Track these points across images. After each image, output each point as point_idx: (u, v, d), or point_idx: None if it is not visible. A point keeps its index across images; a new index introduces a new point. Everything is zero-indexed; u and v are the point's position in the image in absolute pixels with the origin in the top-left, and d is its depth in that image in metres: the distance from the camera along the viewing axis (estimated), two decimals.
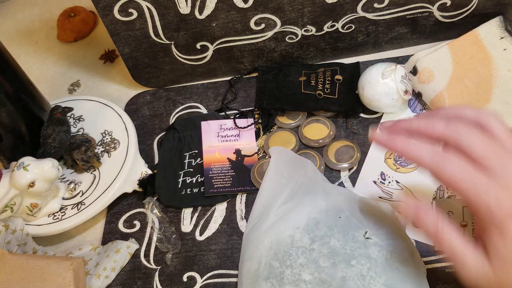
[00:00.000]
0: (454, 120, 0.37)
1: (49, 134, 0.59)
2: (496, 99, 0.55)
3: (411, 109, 0.61)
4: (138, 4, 0.61)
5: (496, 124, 0.37)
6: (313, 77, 0.64)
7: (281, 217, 0.48)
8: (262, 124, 0.64)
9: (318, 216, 0.45)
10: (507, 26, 0.59)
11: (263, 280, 0.44)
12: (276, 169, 0.54)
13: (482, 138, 0.36)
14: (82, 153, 0.60)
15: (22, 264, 0.47)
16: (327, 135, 0.60)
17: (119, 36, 0.65)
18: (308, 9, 0.61)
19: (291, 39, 0.65)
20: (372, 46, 0.68)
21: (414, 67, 0.60)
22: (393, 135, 0.38)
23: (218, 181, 0.59)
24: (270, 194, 0.52)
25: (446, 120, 0.37)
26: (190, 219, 0.59)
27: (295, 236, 0.44)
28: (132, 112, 0.70)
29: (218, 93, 0.70)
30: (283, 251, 0.44)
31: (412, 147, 0.37)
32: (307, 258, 0.43)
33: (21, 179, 0.53)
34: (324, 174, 0.58)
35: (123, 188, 0.59)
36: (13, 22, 0.91)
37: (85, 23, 0.84)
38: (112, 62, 0.79)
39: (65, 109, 0.61)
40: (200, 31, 0.64)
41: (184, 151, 0.63)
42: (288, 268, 0.43)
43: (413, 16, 0.63)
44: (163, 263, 0.56)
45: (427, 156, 0.36)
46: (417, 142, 0.37)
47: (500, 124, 0.37)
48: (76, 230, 0.61)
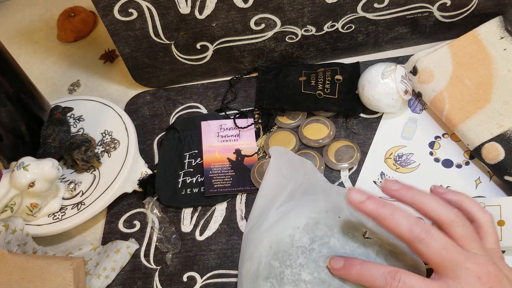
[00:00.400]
0: (446, 203, 0.39)
1: (49, 134, 0.59)
2: (496, 99, 0.55)
3: (411, 109, 0.61)
4: (138, 4, 0.61)
5: (491, 231, 0.40)
6: (313, 77, 0.64)
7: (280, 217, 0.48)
8: (262, 124, 0.64)
9: (318, 216, 0.45)
10: (507, 26, 0.59)
11: (263, 280, 0.44)
12: (276, 169, 0.54)
13: (468, 226, 0.38)
14: (82, 153, 0.60)
15: (22, 264, 0.47)
16: (327, 135, 0.60)
17: (119, 36, 0.65)
18: (308, 9, 0.61)
19: (291, 39, 0.65)
20: (372, 46, 0.68)
21: (414, 67, 0.60)
22: (371, 198, 0.39)
23: (218, 181, 0.59)
24: (269, 194, 0.52)
25: (439, 200, 0.39)
26: (190, 219, 0.59)
27: (295, 236, 0.44)
28: (132, 112, 0.70)
29: (218, 93, 0.70)
30: (283, 251, 0.44)
31: (396, 215, 0.38)
32: (307, 258, 0.43)
33: (21, 179, 0.53)
34: (324, 174, 0.58)
35: (123, 188, 0.59)
36: (13, 22, 0.91)
37: (85, 23, 0.84)
38: (112, 62, 0.79)
39: (65, 109, 0.61)
40: (200, 31, 0.64)
41: (184, 151, 0.63)
42: (288, 268, 0.43)
43: (413, 16, 0.63)
44: (163, 263, 0.56)
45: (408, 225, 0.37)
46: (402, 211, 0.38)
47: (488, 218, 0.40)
48: (76, 230, 0.61)
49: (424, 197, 0.39)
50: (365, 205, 0.38)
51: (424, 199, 0.39)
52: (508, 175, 0.51)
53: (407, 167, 0.57)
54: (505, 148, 0.52)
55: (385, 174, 0.57)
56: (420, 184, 0.55)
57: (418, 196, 0.39)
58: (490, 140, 0.53)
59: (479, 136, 0.53)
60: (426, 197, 0.39)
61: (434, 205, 0.38)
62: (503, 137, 0.52)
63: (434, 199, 0.39)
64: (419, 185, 0.55)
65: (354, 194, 0.39)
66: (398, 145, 0.59)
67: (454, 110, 0.56)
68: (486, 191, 0.53)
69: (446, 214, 0.38)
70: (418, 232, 0.36)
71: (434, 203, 0.38)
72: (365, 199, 0.38)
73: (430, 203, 0.38)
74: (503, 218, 0.47)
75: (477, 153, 0.53)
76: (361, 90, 0.59)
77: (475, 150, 0.54)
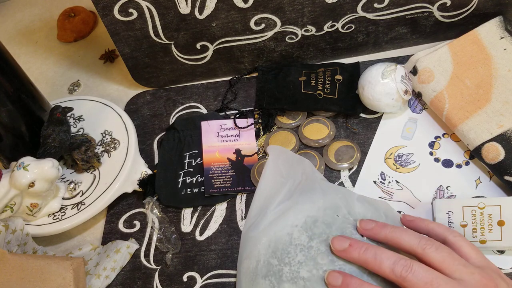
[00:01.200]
0: (424, 237, 0.40)
1: (49, 134, 0.59)
2: (496, 99, 0.55)
3: (411, 109, 0.61)
4: (138, 4, 0.61)
5: (464, 244, 0.41)
6: (313, 77, 0.64)
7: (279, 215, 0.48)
8: (262, 124, 0.64)
9: (316, 214, 0.46)
10: (507, 26, 0.59)
11: (261, 278, 0.44)
12: (274, 167, 0.54)
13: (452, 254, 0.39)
14: (82, 153, 0.60)
15: (22, 264, 0.47)
16: (327, 135, 0.60)
17: (119, 36, 0.65)
18: (308, 9, 0.61)
19: (291, 39, 0.65)
20: (372, 46, 0.68)
21: (414, 67, 0.60)
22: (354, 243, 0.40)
23: (218, 181, 0.59)
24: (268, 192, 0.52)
25: (415, 234, 0.40)
26: (190, 219, 0.59)
27: (293, 234, 0.45)
28: (132, 112, 0.70)
29: (218, 93, 0.70)
30: (282, 249, 0.44)
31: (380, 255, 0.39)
32: (305, 255, 0.43)
33: (21, 179, 0.53)
34: (324, 174, 0.58)
35: (123, 188, 0.59)
36: (13, 22, 0.91)
37: (85, 23, 0.84)
38: (112, 62, 0.79)
39: (65, 109, 0.61)
40: (200, 31, 0.64)
41: (184, 151, 0.63)
42: (287, 266, 0.43)
43: (413, 16, 0.63)
44: (163, 263, 0.56)
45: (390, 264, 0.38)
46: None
47: (467, 244, 0.41)
48: (76, 230, 0.61)
49: (396, 232, 0.40)
50: (349, 253, 0.40)
51: (396, 234, 0.40)
52: (508, 175, 0.51)
53: (407, 167, 0.57)
54: (505, 148, 0.52)
55: (385, 174, 0.57)
56: (420, 184, 0.55)
57: (391, 232, 0.41)
58: (490, 140, 0.53)
59: (479, 136, 0.53)
60: (398, 231, 0.40)
61: (405, 237, 0.40)
62: (503, 137, 0.52)
63: (404, 232, 0.40)
64: (419, 185, 0.55)
65: (336, 243, 0.41)
66: (398, 145, 0.59)
67: (454, 110, 0.56)
68: (486, 191, 0.53)
69: (417, 243, 0.39)
70: (400, 271, 0.37)
71: (405, 235, 0.40)
72: (347, 247, 0.40)
73: (402, 237, 0.40)
74: (503, 218, 0.47)
75: (477, 153, 0.53)
76: (361, 90, 0.59)
77: (475, 150, 0.54)
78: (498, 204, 0.47)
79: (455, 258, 0.38)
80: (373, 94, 0.57)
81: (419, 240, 0.39)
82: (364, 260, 0.39)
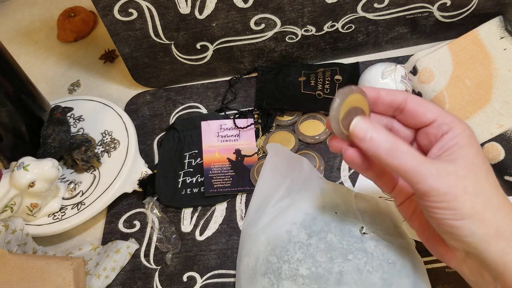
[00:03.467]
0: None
1: (49, 134, 0.59)
2: (496, 99, 0.55)
3: None
4: (138, 4, 0.61)
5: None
6: (312, 77, 0.64)
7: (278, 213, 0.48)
8: (262, 124, 0.64)
9: (315, 212, 0.46)
10: (507, 26, 0.59)
11: (260, 275, 0.44)
12: (273, 165, 0.54)
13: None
14: (82, 153, 0.60)
15: (22, 264, 0.47)
16: (323, 131, 0.61)
17: (119, 36, 0.65)
18: (308, 9, 0.61)
19: (291, 39, 0.66)
20: (372, 46, 0.68)
21: (414, 67, 0.60)
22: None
23: (218, 181, 0.59)
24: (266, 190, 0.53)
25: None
26: (190, 219, 0.59)
27: (292, 232, 0.45)
28: (132, 112, 0.70)
29: (218, 93, 0.70)
30: (281, 246, 0.44)
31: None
32: (304, 253, 0.43)
33: (21, 179, 0.53)
34: (324, 174, 0.58)
35: (123, 188, 0.59)
36: (13, 22, 0.91)
37: (85, 23, 0.84)
38: (112, 62, 0.79)
39: (65, 109, 0.61)
40: (200, 31, 0.64)
41: (184, 151, 0.63)
42: (286, 263, 0.43)
43: (413, 16, 0.63)
44: (163, 263, 0.56)
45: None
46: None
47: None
48: (76, 230, 0.61)
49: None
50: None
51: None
52: (508, 175, 0.51)
53: None
54: (505, 148, 0.52)
55: None
56: None
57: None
58: (490, 140, 0.53)
59: (479, 136, 0.53)
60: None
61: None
62: (503, 137, 0.52)
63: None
64: None
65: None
66: None
67: (454, 110, 0.56)
68: None
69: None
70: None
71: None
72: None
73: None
74: None
75: None
76: None
77: None
78: None
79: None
80: None
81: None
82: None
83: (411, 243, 0.46)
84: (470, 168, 0.34)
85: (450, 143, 0.35)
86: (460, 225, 0.33)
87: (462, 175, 0.33)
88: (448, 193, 0.33)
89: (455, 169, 0.33)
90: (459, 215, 0.33)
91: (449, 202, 0.33)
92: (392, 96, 0.38)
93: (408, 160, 0.34)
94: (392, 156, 0.34)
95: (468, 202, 0.33)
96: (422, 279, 0.43)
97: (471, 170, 0.34)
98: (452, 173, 0.33)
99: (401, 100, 0.38)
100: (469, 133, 0.35)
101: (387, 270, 0.42)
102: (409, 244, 0.45)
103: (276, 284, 0.43)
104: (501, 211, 0.33)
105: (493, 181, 0.34)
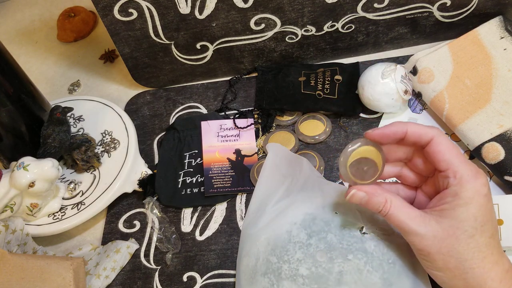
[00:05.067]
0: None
1: (49, 134, 0.59)
2: (496, 99, 0.55)
3: (411, 109, 0.61)
4: (138, 4, 0.61)
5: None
6: (312, 77, 0.64)
7: (278, 213, 0.48)
8: (262, 124, 0.64)
9: (315, 212, 0.46)
10: (507, 26, 0.59)
11: (260, 275, 0.44)
12: (273, 165, 0.54)
13: None
14: (82, 153, 0.60)
15: (22, 264, 0.47)
16: (323, 131, 0.61)
17: (119, 36, 0.65)
18: (308, 9, 0.61)
19: (291, 39, 0.66)
20: (372, 46, 0.68)
21: (414, 67, 0.60)
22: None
23: (218, 181, 0.59)
24: (267, 189, 0.53)
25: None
26: (190, 219, 0.59)
27: (292, 232, 0.45)
28: (132, 112, 0.70)
29: (218, 93, 0.70)
30: (281, 246, 0.44)
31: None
32: (304, 253, 0.43)
33: (21, 179, 0.53)
34: (324, 174, 0.58)
35: (123, 188, 0.59)
36: (13, 22, 0.91)
37: (85, 23, 0.84)
38: (112, 62, 0.79)
39: (65, 109, 0.61)
40: (200, 31, 0.64)
41: (184, 151, 0.63)
42: (286, 263, 0.43)
43: (413, 16, 0.63)
44: (163, 263, 0.56)
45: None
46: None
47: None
48: (76, 230, 0.61)
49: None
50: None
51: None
52: (508, 175, 0.51)
53: None
54: (505, 148, 0.52)
55: None
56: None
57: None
58: (490, 140, 0.53)
59: (479, 136, 0.53)
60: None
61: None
62: (503, 137, 0.52)
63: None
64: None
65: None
66: None
67: (454, 110, 0.56)
68: None
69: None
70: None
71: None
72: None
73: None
74: (501, 217, 0.47)
75: (477, 153, 0.53)
76: (361, 90, 0.59)
77: (475, 150, 0.54)
78: (495, 202, 0.47)
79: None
80: (373, 94, 0.57)
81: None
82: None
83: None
84: (452, 232, 0.37)
85: (446, 200, 0.38)
86: (436, 275, 0.39)
87: (440, 237, 0.37)
88: (423, 250, 0.38)
89: (436, 229, 0.38)
90: (434, 267, 0.39)
91: (425, 256, 0.38)
92: (417, 136, 0.40)
93: (394, 218, 0.39)
94: (382, 214, 0.40)
95: (440, 261, 0.38)
96: (422, 279, 0.43)
97: (452, 233, 0.37)
98: (431, 233, 0.38)
99: (425, 141, 0.40)
100: (471, 195, 0.37)
101: (387, 270, 0.42)
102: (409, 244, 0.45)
103: (276, 284, 0.43)
104: (473, 271, 0.37)
105: (475, 245, 0.37)
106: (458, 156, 0.38)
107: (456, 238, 0.37)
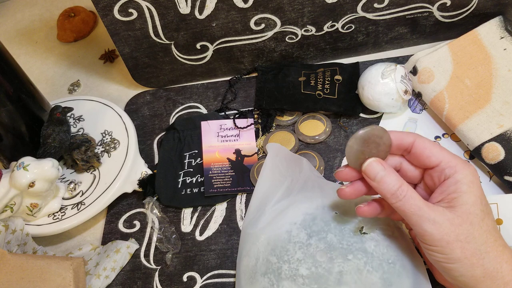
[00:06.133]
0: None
1: (49, 134, 0.59)
2: (496, 99, 0.55)
3: (411, 109, 0.61)
4: (138, 4, 0.61)
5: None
6: (312, 77, 0.64)
7: (277, 213, 0.48)
8: (262, 124, 0.64)
9: (315, 212, 0.46)
10: (507, 26, 0.59)
11: (260, 275, 0.44)
12: (273, 165, 0.54)
13: None
14: (82, 153, 0.60)
15: (22, 264, 0.47)
16: (323, 131, 0.61)
17: (119, 36, 0.65)
18: (308, 9, 0.61)
19: (291, 39, 0.66)
20: (372, 46, 0.68)
21: (414, 67, 0.60)
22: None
23: (218, 181, 0.59)
24: (266, 189, 0.53)
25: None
26: (190, 219, 0.59)
27: (292, 232, 0.45)
28: (132, 112, 0.70)
29: (218, 93, 0.70)
30: (281, 246, 0.44)
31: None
32: (304, 253, 0.43)
33: (21, 179, 0.53)
34: (324, 174, 0.58)
35: (123, 188, 0.59)
36: (13, 22, 0.91)
37: (85, 23, 0.84)
38: (112, 62, 0.79)
39: (65, 109, 0.61)
40: (200, 31, 0.64)
41: (184, 151, 0.63)
42: (286, 263, 0.43)
43: (413, 16, 0.63)
44: (163, 263, 0.56)
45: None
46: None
47: None
48: (76, 230, 0.61)
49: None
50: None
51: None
52: (508, 175, 0.51)
53: None
54: (505, 148, 0.52)
55: None
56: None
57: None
58: (490, 140, 0.53)
59: (479, 136, 0.53)
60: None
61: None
62: (503, 137, 0.52)
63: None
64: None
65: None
66: None
67: (454, 110, 0.56)
68: (485, 191, 0.52)
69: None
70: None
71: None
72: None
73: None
74: (500, 216, 0.47)
75: (477, 153, 0.53)
76: (361, 90, 0.59)
77: (475, 150, 0.54)
78: (494, 202, 0.47)
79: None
80: (373, 94, 0.57)
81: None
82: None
83: (411, 243, 0.46)
84: (466, 217, 0.37)
85: (450, 189, 0.38)
86: (451, 268, 0.37)
87: (457, 223, 0.37)
88: (441, 239, 0.37)
89: (451, 217, 0.37)
90: (450, 259, 0.37)
91: (442, 247, 0.37)
92: (399, 139, 0.41)
93: (410, 204, 0.37)
94: (396, 198, 0.38)
95: (459, 249, 0.37)
96: (422, 279, 0.43)
97: (466, 219, 0.37)
98: (448, 221, 0.37)
99: (408, 143, 0.41)
100: (471, 179, 0.38)
101: (387, 270, 0.42)
102: (409, 244, 0.45)
103: (276, 284, 0.43)
104: (488, 255, 0.37)
105: (486, 228, 0.37)
106: (443, 149, 0.39)
107: (470, 223, 0.37)
